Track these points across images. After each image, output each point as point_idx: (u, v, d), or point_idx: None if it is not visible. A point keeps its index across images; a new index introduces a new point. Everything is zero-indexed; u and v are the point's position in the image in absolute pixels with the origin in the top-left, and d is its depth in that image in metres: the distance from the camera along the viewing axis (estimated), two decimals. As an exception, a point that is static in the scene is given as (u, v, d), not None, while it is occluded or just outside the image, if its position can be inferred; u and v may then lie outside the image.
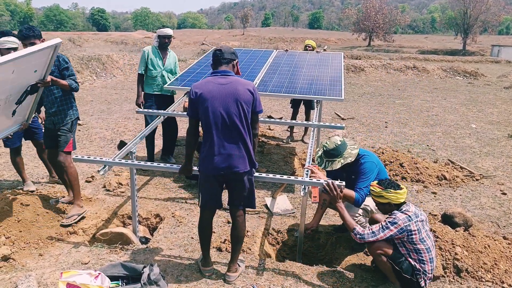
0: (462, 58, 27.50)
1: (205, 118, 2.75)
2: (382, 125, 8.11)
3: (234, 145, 2.76)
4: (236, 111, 2.74)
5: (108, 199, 4.34)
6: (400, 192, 2.85)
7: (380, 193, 2.88)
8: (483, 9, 42.91)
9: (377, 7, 49.22)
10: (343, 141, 3.40)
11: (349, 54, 25.62)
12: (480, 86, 14.14)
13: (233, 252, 3.00)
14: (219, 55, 2.87)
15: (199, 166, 2.87)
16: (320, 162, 3.47)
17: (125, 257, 3.24)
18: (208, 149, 2.77)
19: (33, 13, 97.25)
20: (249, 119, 2.81)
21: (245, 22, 77.04)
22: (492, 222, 4.08)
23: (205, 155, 2.80)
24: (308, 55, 6.68)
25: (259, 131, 3.06)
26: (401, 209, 2.86)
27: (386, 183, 2.90)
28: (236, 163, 2.77)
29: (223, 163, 2.75)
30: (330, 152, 3.35)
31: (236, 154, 2.77)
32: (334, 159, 3.35)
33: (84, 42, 33.72)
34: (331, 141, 3.40)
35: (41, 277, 2.92)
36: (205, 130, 2.80)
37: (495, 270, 3.11)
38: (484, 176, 5.36)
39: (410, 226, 2.77)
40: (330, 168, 3.35)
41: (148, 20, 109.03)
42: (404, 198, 2.89)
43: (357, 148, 3.42)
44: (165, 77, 5.30)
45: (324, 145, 3.42)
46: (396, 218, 2.80)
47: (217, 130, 2.74)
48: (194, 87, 2.80)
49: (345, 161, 3.32)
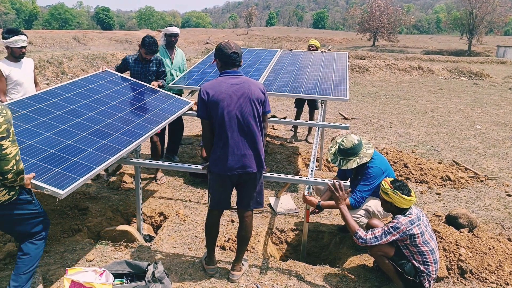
0: (467, 59, 27.36)
1: (219, 119, 2.71)
2: (387, 126, 8.08)
3: (248, 145, 2.76)
4: (250, 111, 2.73)
5: (112, 197, 4.37)
6: (406, 198, 2.78)
7: (387, 191, 2.85)
8: (489, 10, 42.63)
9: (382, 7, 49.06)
10: (360, 141, 3.36)
11: (353, 54, 25.55)
12: (486, 87, 14.06)
13: (238, 252, 3.01)
14: (235, 58, 2.80)
15: (211, 166, 2.83)
16: (334, 159, 3.43)
17: (129, 255, 3.26)
18: (222, 149, 2.74)
19: (38, 11, 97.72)
20: (261, 118, 2.82)
21: (250, 22, 77.00)
22: (497, 223, 4.07)
23: (218, 155, 2.76)
24: (312, 54, 6.68)
25: (267, 130, 3.06)
26: (404, 213, 2.83)
27: (397, 184, 2.84)
28: (250, 163, 2.76)
29: (237, 163, 2.73)
30: (347, 151, 3.32)
31: (250, 154, 2.76)
32: (350, 158, 3.32)
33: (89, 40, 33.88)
34: (348, 140, 3.35)
35: (46, 273, 2.94)
36: (218, 131, 2.75)
37: (500, 272, 3.10)
38: (489, 177, 5.33)
39: (413, 230, 2.74)
40: (345, 167, 3.32)
41: (152, 19, 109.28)
42: (408, 206, 2.82)
43: (372, 147, 3.39)
44: (174, 75, 5.33)
45: (341, 143, 3.37)
46: (398, 223, 2.76)
47: (232, 131, 2.71)
48: (205, 88, 2.75)
49: (361, 160, 3.29)
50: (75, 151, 2.89)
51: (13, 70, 3.98)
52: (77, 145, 2.97)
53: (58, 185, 2.47)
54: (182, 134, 5.69)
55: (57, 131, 3.07)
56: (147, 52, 4.55)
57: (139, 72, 4.74)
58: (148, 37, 4.60)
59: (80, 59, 13.29)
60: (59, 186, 2.47)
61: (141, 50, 4.61)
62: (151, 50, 4.55)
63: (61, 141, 2.94)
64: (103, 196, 4.37)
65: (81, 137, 3.08)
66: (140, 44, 4.63)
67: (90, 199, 4.27)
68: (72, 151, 2.88)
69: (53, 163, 2.67)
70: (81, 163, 2.77)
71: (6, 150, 2.11)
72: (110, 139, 3.17)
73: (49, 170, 2.59)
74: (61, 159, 2.74)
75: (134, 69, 4.74)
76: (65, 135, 3.05)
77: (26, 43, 3.97)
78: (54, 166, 2.65)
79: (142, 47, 4.57)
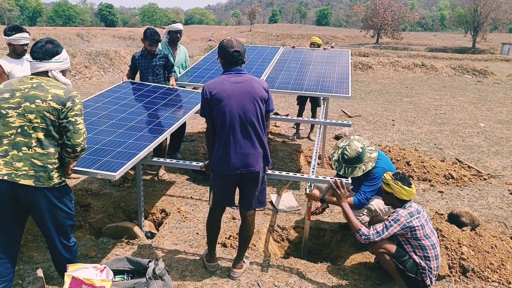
0: (471, 56, 27.18)
1: (221, 118, 2.69)
2: (389, 123, 8.05)
3: (251, 143, 2.74)
4: (253, 109, 2.71)
5: (114, 194, 4.37)
6: (406, 189, 2.84)
7: (388, 181, 2.90)
8: (494, 7, 42.31)
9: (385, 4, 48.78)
10: (363, 147, 3.33)
11: (356, 51, 25.44)
12: (490, 85, 13.97)
13: (240, 250, 3.00)
14: (237, 57, 2.75)
15: (213, 165, 2.81)
16: (338, 167, 3.39)
17: (130, 252, 3.27)
18: (224, 148, 2.72)
19: (42, 8, 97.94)
20: (264, 117, 2.81)
21: (253, 19, 76.80)
22: (500, 222, 4.05)
23: (220, 154, 2.74)
24: (315, 52, 6.65)
25: (269, 129, 3.04)
26: (404, 206, 2.87)
27: (398, 176, 2.91)
28: (252, 162, 2.74)
29: (240, 162, 2.71)
30: (352, 160, 3.30)
31: (253, 152, 2.74)
32: (355, 165, 3.29)
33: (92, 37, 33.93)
34: (351, 148, 3.31)
35: (47, 269, 2.95)
36: (220, 129, 2.72)
37: (502, 271, 3.08)
38: (492, 175, 5.30)
39: (413, 222, 2.77)
40: (351, 176, 3.30)
41: (155, 16, 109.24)
42: (409, 197, 2.87)
43: (375, 150, 3.37)
44: (177, 72, 5.34)
45: (344, 152, 3.33)
46: (398, 215, 2.80)
47: (234, 129, 2.69)
48: (207, 86, 2.72)
49: (366, 168, 3.28)
50: (117, 143, 3.24)
51: (15, 67, 3.98)
52: (117, 139, 3.32)
53: (110, 170, 2.78)
54: (184, 132, 5.70)
55: (97, 132, 3.43)
56: (151, 43, 4.59)
57: (146, 67, 4.79)
58: (148, 29, 4.66)
59: (83, 56, 13.31)
60: (111, 170, 2.78)
61: (145, 43, 4.65)
62: (154, 40, 4.58)
63: (102, 138, 3.31)
64: (105, 193, 4.38)
65: (119, 133, 3.45)
66: (143, 38, 4.67)
67: (92, 196, 4.28)
68: (114, 144, 3.23)
69: (101, 155, 3.01)
70: (125, 151, 3.11)
71: (79, 125, 2.40)
72: (144, 131, 3.54)
73: (98, 161, 2.91)
74: (106, 151, 3.08)
75: (141, 65, 4.81)
76: (105, 133, 3.42)
77: (28, 40, 3.98)
78: (101, 157, 2.97)
79: (145, 40, 4.61)
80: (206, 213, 4.01)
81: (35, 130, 2.32)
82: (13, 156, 2.29)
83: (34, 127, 2.32)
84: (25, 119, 2.30)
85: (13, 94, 2.33)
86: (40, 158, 2.33)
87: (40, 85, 2.36)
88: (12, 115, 2.30)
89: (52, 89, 2.36)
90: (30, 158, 2.31)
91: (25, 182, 2.29)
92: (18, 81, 2.40)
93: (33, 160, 2.31)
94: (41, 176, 2.33)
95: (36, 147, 2.32)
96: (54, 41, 2.51)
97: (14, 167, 2.29)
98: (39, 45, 2.43)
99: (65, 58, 2.51)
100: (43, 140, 2.33)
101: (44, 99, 2.32)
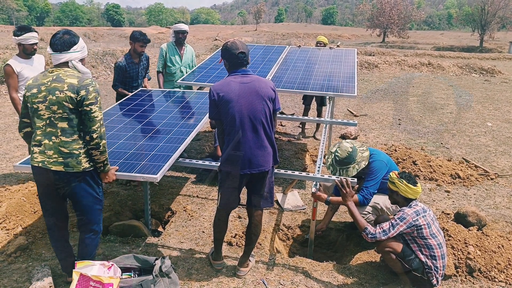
0: (478, 55, 26.90)
1: (230, 118, 2.70)
2: (395, 122, 8.02)
3: (260, 143, 2.74)
4: (261, 109, 2.72)
5: (121, 192, 4.41)
6: (412, 187, 2.85)
7: (393, 180, 2.92)
8: (502, 5, 41.83)
9: (392, 3, 48.42)
10: (354, 146, 3.35)
11: (362, 50, 25.30)
12: (497, 84, 13.84)
13: (246, 249, 3.02)
14: (243, 58, 2.77)
15: (221, 166, 2.82)
16: (333, 170, 3.41)
17: (137, 249, 3.30)
18: (233, 148, 2.73)
19: (50, 8, 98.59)
20: (272, 116, 2.81)
21: (258, 18, 76.71)
22: (507, 222, 4.02)
23: (229, 154, 2.75)
24: (321, 51, 6.64)
25: (276, 128, 3.05)
26: (410, 205, 2.87)
27: (404, 175, 2.92)
28: (262, 161, 2.75)
29: (249, 162, 2.72)
30: (344, 161, 3.31)
31: (262, 152, 2.75)
32: (348, 166, 3.30)
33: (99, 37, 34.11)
34: (342, 149, 3.34)
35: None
36: (229, 130, 2.73)
37: (509, 271, 3.06)
38: (499, 175, 5.26)
39: (419, 220, 2.77)
40: (346, 176, 3.30)
41: (162, 15, 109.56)
42: (414, 196, 2.88)
43: (366, 149, 3.39)
44: (184, 72, 5.36)
45: (336, 154, 3.35)
46: (404, 213, 2.81)
47: (243, 129, 2.70)
48: (215, 88, 2.73)
49: (359, 166, 3.29)
50: (150, 147, 3.35)
51: (24, 67, 4.03)
52: (148, 143, 3.43)
53: (150, 172, 2.88)
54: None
55: (127, 137, 3.56)
56: (143, 43, 4.57)
57: (135, 72, 4.74)
58: (134, 32, 4.63)
59: (90, 56, 13.39)
60: (151, 173, 2.88)
61: (135, 45, 4.57)
62: (146, 40, 4.59)
63: (134, 143, 3.42)
64: (112, 191, 4.42)
65: (148, 137, 3.56)
66: (131, 41, 4.60)
67: (99, 194, 4.32)
68: (147, 148, 3.33)
69: (137, 159, 3.11)
70: (159, 154, 3.21)
71: (94, 113, 2.46)
72: (172, 133, 3.66)
73: (136, 165, 3.01)
74: (141, 155, 3.19)
75: (132, 71, 4.71)
76: (135, 139, 3.53)
77: (37, 39, 4.03)
78: (139, 161, 3.08)
79: (136, 42, 4.56)
80: (212, 211, 4.03)
81: (60, 120, 2.45)
82: (45, 145, 2.47)
83: (58, 118, 2.45)
84: (50, 111, 2.44)
85: (39, 89, 2.46)
86: (66, 145, 2.46)
87: (58, 77, 2.47)
88: (41, 108, 2.45)
89: (68, 79, 2.46)
90: (57, 146, 2.46)
91: (56, 168, 2.46)
92: (43, 76, 2.51)
93: (60, 148, 2.46)
94: (69, 162, 2.47)
95: (61, 136, 2.46)
96: (70, 31, 2.59)
97: (47, 155, 2.46)
98: (57, 37, 2.51)
99: (82, 47, 2.60)
100: (67, 129, 2.46)
101: (62, 89, 2.43)
